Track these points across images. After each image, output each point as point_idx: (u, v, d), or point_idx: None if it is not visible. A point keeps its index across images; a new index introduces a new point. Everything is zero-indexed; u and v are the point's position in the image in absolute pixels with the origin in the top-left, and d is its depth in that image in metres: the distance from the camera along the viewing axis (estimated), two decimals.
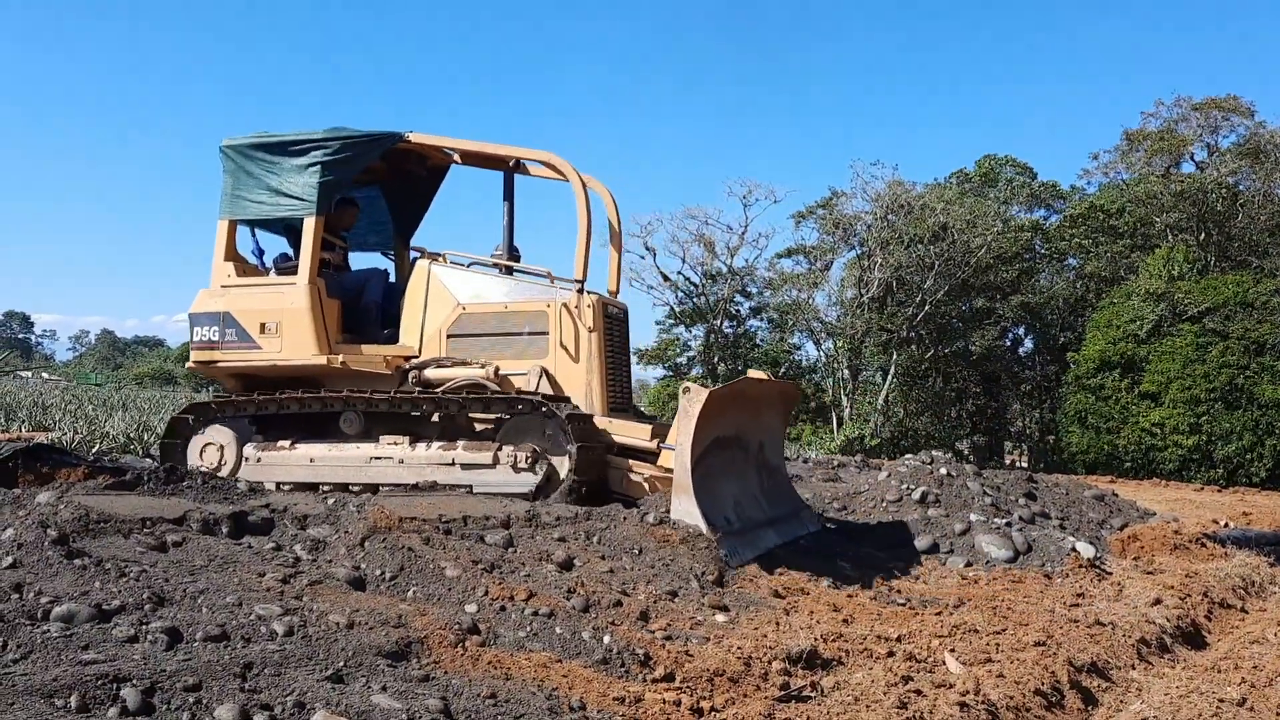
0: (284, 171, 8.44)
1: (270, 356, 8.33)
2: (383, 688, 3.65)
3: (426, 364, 8.32)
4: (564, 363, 8.21)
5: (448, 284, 8.54)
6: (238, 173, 8.58)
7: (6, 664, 3.40)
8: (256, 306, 8.38)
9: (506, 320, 8.37)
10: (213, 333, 8.44)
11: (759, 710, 4.05)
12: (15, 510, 5.57)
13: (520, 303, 8.43)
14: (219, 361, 8.48)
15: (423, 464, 7.92)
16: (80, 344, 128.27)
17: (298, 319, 8.23)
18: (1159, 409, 25.02)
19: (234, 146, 8.62)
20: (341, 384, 8.33)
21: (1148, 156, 31.26)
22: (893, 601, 6.54)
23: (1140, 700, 4.81)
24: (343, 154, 8.43)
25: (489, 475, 7.74)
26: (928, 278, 31.78)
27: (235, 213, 8.65)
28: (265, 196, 8.49)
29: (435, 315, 8.49)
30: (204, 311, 8.51)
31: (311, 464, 8.09)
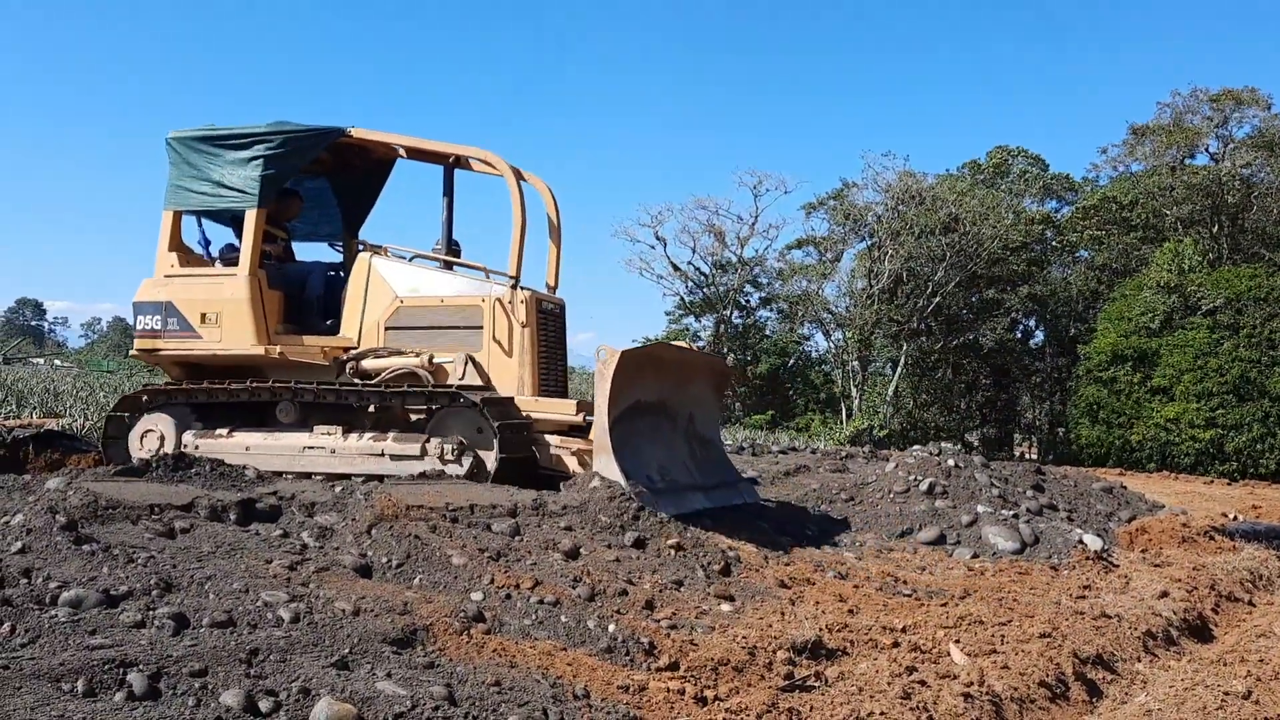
0: (226, 164, 8.55)
1: (210, 346, 8.46)
2: (388, 675, 3.67)
3: (363, 355, 8.44)
4: (497, 355, 8.34)
5: (387, 277, 8.62)
6: (181, 164, 8.68)
7: (14, 648, 3.42)
8: (198, 296, 8.50)
9: (443, 313, 8.51)
10: (155, 321, 8.57)
11: (763, 700, 4.06)
12: (25, 496, 5.62)
13: (456, 297, 8.58)
14: (161, 350, 8.62)
15: (353, 454, 8.07)
16: (92, 331, 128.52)
17: (238, 310, 8.35)
18: (1172, 404, 24.93)
19: (179, 139, 8.72)
20: (281, 374, 8.47)
21: (1161, 149, 31.09)
22: (899, 592, 6.55)
23: (1145, 693, 4.80)
24: (284, 148, 8.53)
25: (417, 466, 7.87)
26: (938, 269, 31.71)
27: (179, 203, 8.76)
28: (208, 188, 8.59)
29: (374, 307, 8.59)
30: (147, 300, 8.64)
31: (247, 451, 8.16)
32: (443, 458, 7.85)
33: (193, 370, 8.77)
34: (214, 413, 8.47)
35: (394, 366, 8.27)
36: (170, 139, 8.75)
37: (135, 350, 8.81)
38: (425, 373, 8.21)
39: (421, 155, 9.46)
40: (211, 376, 8.55)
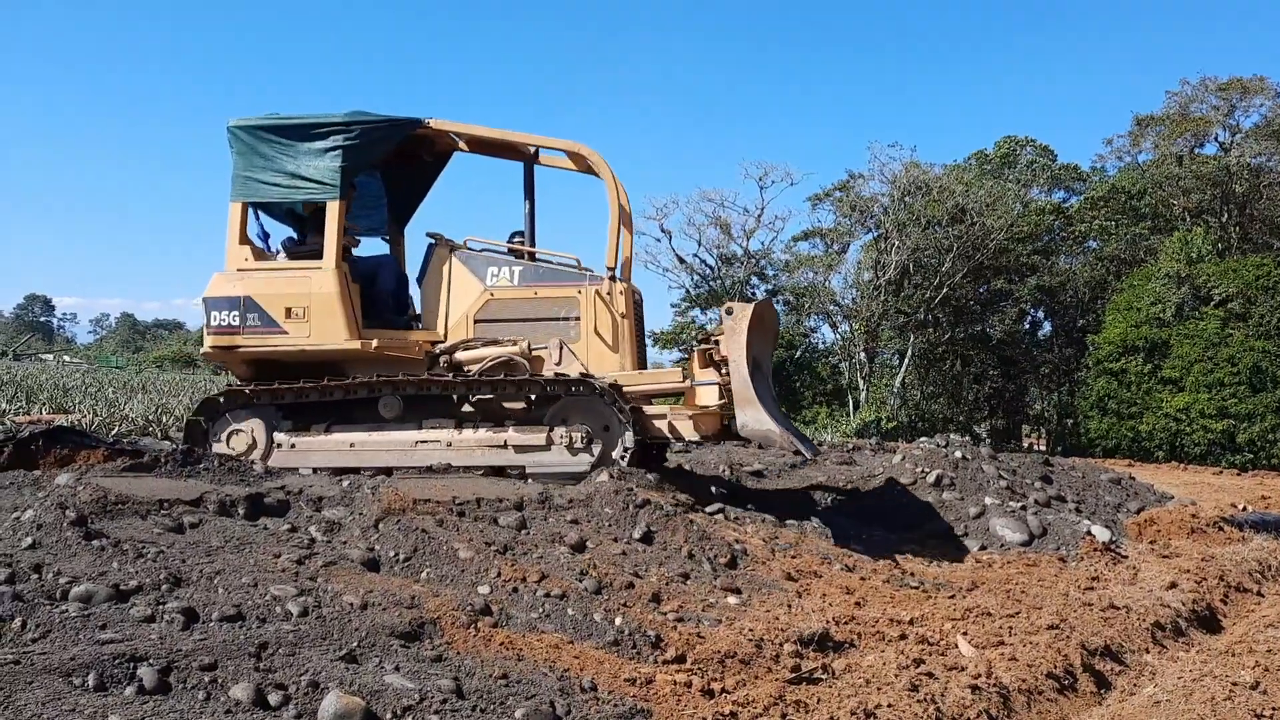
0: (301, 155, 8.33)
1: (297, 342, 8.21)
2: (396, 668, 3.69)
3: (456, 346, 8.45)
4: (596, 346, 8.47)
5: (473, 270, 8.63)
6: (249, 154, 8.41)
7: (25, 643, 3.45)
8: (281, 291, 8.24)
9: (537, 305, 8.55)
10: (232, 318, 8.25)
11: (770, 692, 4.07)
12: (35, 492, 5.64)
13: (551, 288, 8.62)
14: (240, 347, 8.28)
15: (472, 446, 8.08)
16: (101, 327, 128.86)
17: (328, 304, 8.16)
18: (1183, 394, 24.85)
19: (244, 127, 8.44)
20: (366, 369, 8.32)
21: (1169, 138, 30.94)
22: (905, 585, 6.55)
23: (1153, 684, 4.80)
24: (362, 139, 8.39)
25: (544, 456, 8.02)
26: (945, 260, 31.60)
27: (249, 195, 8.45)
28: (281, 179, 8.35)
29: (461, 300, 8.57)
30: (221, 296, 8.30)
31: (352, 449, 8.11)
32: (571, 447, 8.00)
33: (265, 367, 8.45)
34: (301, 412, 8.27)
35: (491, 356, 8.31)
36: (235, 127, 8.45)
37: (208, 348, 8.40)
38: (523, 361, 8.29)
39: (500, 148, 9.40)
40: (286, 374, 8.29)
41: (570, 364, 8.36)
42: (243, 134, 8.42)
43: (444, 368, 8.40)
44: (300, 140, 8.35)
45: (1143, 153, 32.92)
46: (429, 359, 8.49)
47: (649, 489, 7.18)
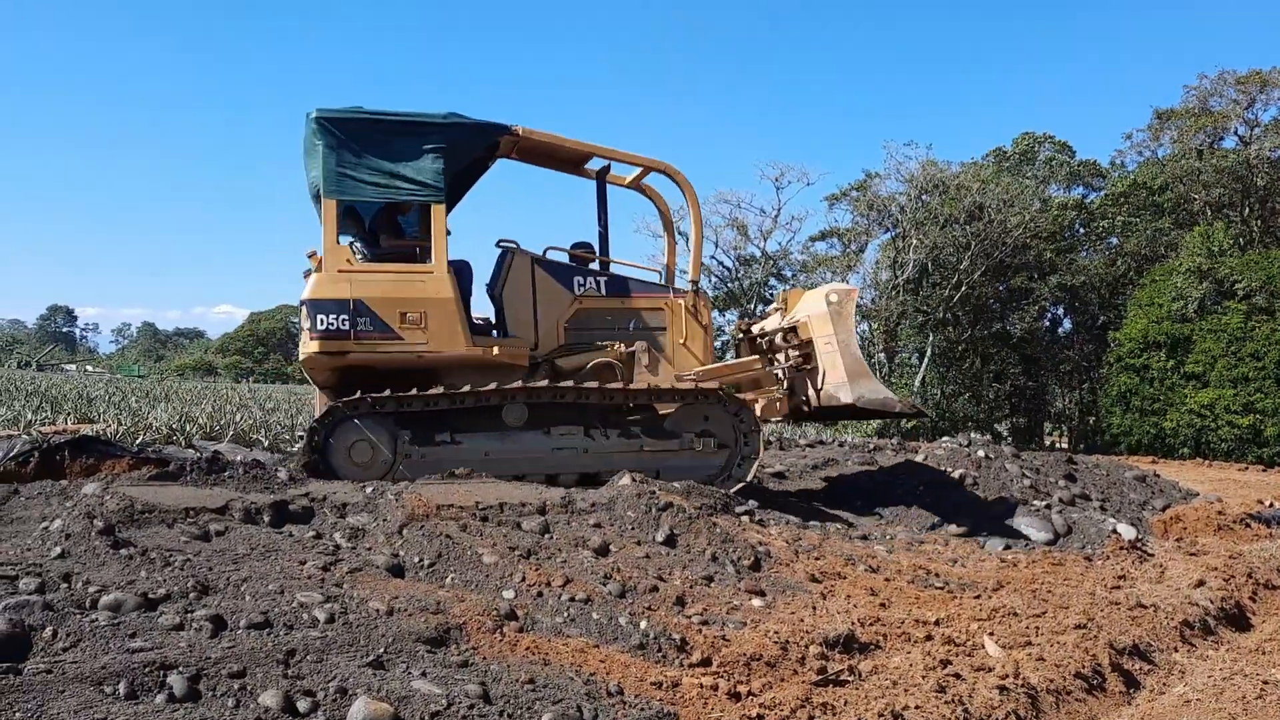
0: (400, 153, 8.09)
1: (414, 348, 7.99)
2: (423, 673, 3.70)
3: (556, 353, 8.66)
4: (683, 355, 8.92)
5: (559, 279, 8.73)
6: (341, 150, 8.02)
7: (56, 652, 3.47)
8: (394, 295, 7.98)
9: (624, 315, 8.86)
10: (341, 321, 7.87)
11: (796, 694, 4.06)
12: (63, 501, 5.68)
13: (638, 298, 8.98)
14: (352, 352, 7.93)
15: (609, 452, 8.34)
16: (122, 336, 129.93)
17: (445, 310, 8.03)
18: (1207, 390, 24.65)
19: (335, 120, 8.05)
20: (468, 376, 8.14)
21: (1190, 132, 30.71)
22: (931, 585, 6.52)
23: (1183, 683, 4.77)
24: (460, 140, 8.29)
25: (675, 460, 8.44)
26: (964, 258, 31.47)
27: (345, 192, 8.08)
28: (380, 179, 8.08)
29: (551, 308, 8.68)
30: (328, 298, 7.89)
31: (485, 458, 8.04)
32: (703, 451, 8.54)
33: (357, 375, 8.14)
34: (421, 421, 8.09)
35: (591, 361, 8.62)
36: (323, 119, 8.01)
37: (315, 352, 7.92)
38: (619, 364, 8.64)
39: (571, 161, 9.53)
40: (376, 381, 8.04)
41: (661, 369, 8.79)
42: (333, 127, 8.04)
43: (545, 374, 8.52)
44: (397, 138, 8.13)
45: (1162, 147, 32.68)
46: (532, 364, 8.58)
47: (671, 492, 7.18)
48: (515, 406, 8.14)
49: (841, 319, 8.46)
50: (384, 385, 7.97)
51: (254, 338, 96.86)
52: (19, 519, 5.53)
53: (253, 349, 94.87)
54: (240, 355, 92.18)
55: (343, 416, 7.88)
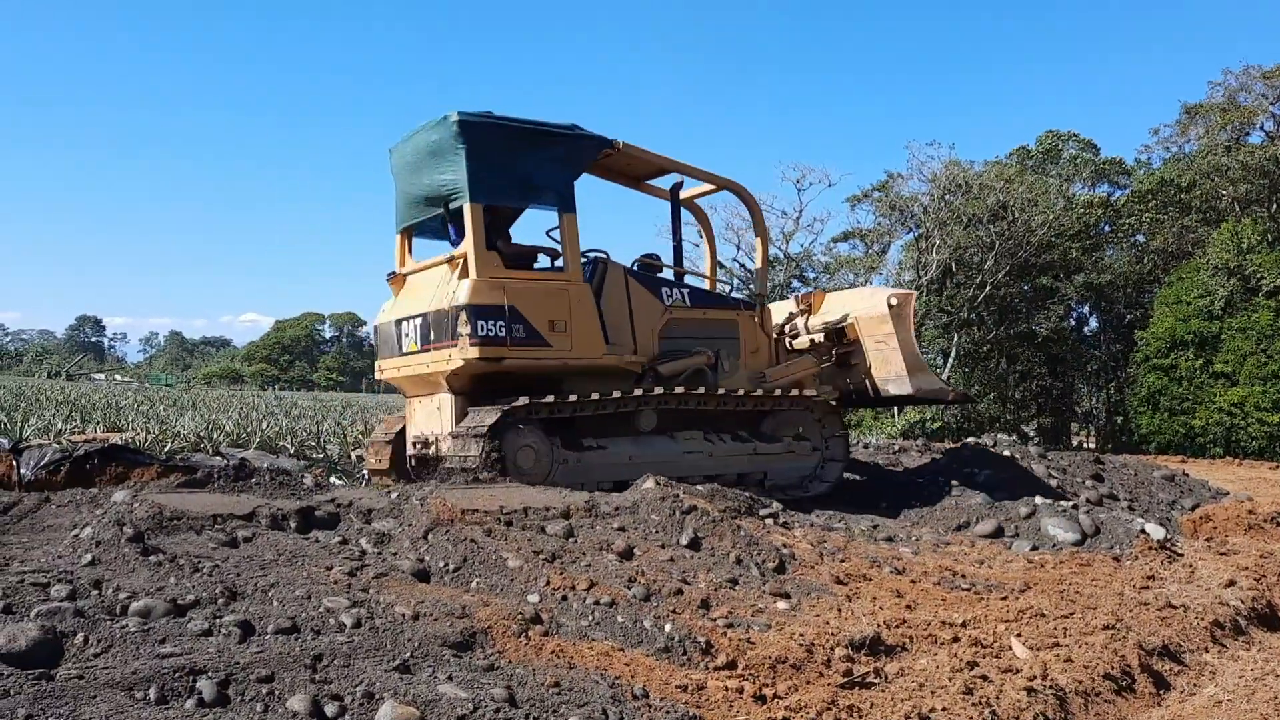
0: (534, 162, 8.16)
1: (560, 355, 8.13)
2: (449, 677, 3.71)
3: (659, 360, 8.98)
4: (752, 363, 9.53)
5: (651, 290, 9.04)
6: (481, 154, 7.96)
7: (88, 658, 3.51)
8: (543, 303, 8.06)
9: (705, 325, 9.33)
10: (498, 328, 7.86)
11: (822, 697, 4.05)
12: (93, 509, 5.74)
13: (716, 310, 9.53)
14: (507, 359, 7.96)
15: (728, 455, 8.93)
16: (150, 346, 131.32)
17: (588, 317, 8.27)
18: (1236, 388, 24.41)
19: (477, 124, 7.95)
20: (593, 383, 8.29)
21: (1217, 128, 30.43)
22: (957, 586, 6.49)
23: (1214, 683, 4.73)
24: (579, 151, 8.50)
25: (780, 463, 9.24)
26: (988, 258, 31.30)
27: (491, 198, 8.06)
28: (518, 187, 8.19)
29: (646, 317, 8.97)
30: (487, 304, 7.85)
31: (630, 461, 8.29)
32: (804, 453, 9.42)
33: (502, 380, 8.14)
34: (568, 427, 8.31)
35: (689, 366, 9.03)
36: (464, 121, 7.90)
37: (474, 357, 7.85)
38: (708, 370, 9.09)
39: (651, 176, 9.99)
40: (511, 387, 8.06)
41: (733, 376, 9.32)
42: (476, 131, 7.97)
43: (650, 378, 8.83)
44: (531, 146, 8.18)
45: (1189, 142, 32.38)
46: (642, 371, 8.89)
47: (695, 495, 7.18)
48: (647, 412, 8.58)
49: (901, 320, 9.47)
50: (516, 392, 7.97)
51: (279, 345, 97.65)
52: (50, 527, 5.59)
53: (278, 356, 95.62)
54: (266, 363, 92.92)
55: (513, 423, 7.87)
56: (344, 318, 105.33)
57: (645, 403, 8.49)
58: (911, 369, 9.44)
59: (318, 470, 8.86)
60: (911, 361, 9.44)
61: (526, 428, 7.96)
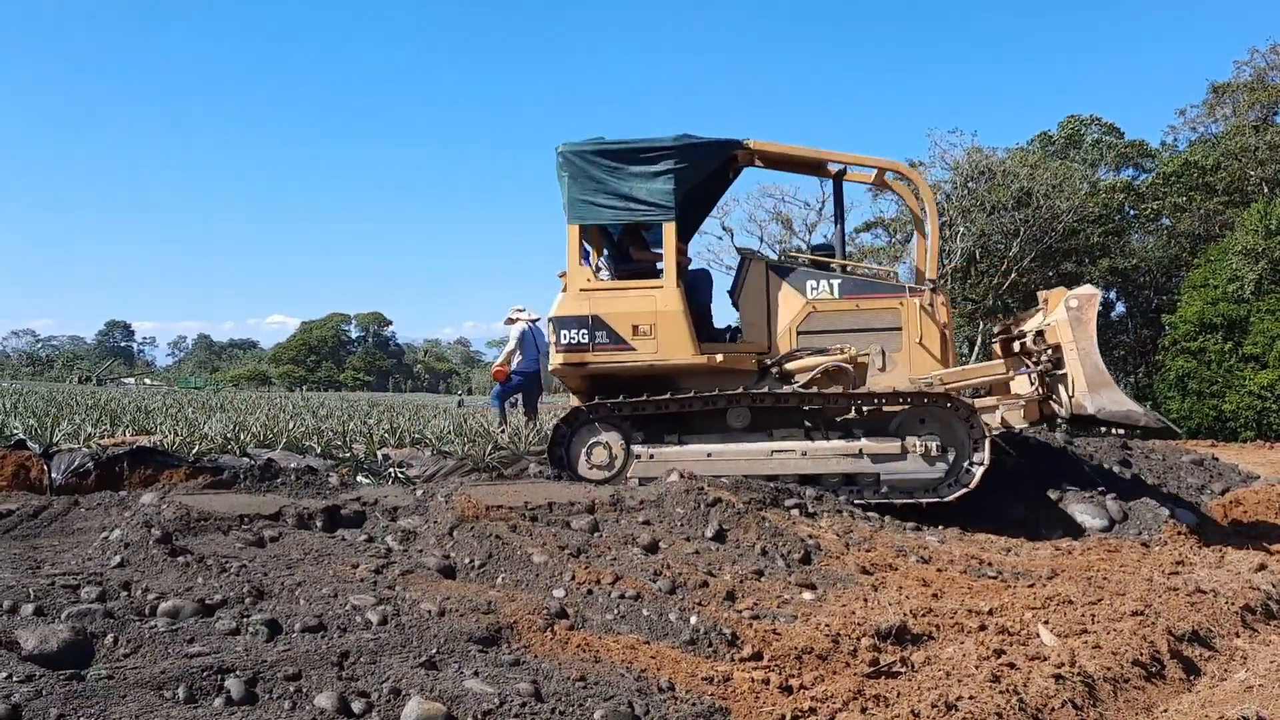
0: (633, 178, 8.66)
1: (645, 357, 8.59)
2: (475, 673, 3.73)
3: (785, 358, 8.80)
4: (920, 356, 8.80)
5: (794, 284, 8.94)
6: (581, 178, 8.73)
7: (118, 658, 3.55)
8: (627, 309, 8.63)
9: (858, 317, 8.87)
10: (581, 335, 8.63)
11: (849, 687, 4.04)
12: (121, 511, 5.81)
13: (872, 299, 8.95)
14: (590, 363, 8.66)
15: (827, 455, 8.43)
16: (178, 349, 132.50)
17: (672, 321, 8.54)
18: (1267, 371, 24.16)
19: (575, 152, 8.76)
20: (703, 381, 8.64)
21: (1245, 108, 30.08)
22: (983, 575, 6.45)
23: (1245, 669, 4.67)
24: (691, 160, 8.68)
25: (898, 465, 8.33)
26: (1012, 245, 31.10)
27: (584, 217, 8.79)
28: (615, 202, 8.70)
29: (784, 313, 8.89)
30: (570, 315, 8.67)
31: (709, 459, 8.41)
32: (927, 456, 8.28)
33: (604, 383, 8.83)
34: (651, 425, 8.66)
35: (820, 364, 8.67)
36: (565, 152, 8.78)
37: (558, 364, 8.77)
38: (849, 368, 8.65)
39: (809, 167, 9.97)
40: (623, 389, 8.68)
41: (894, 371, 8.71)
42: (574, 159, 8.75)
43: (775, 378, 8.74)
44: (630, 164, 8.69)
45: (1216, 123, 32.04)
46: (761, 369, 8.82)
47: (720, 488, 7.18)
48: (739, 410, 8.52)
49: (1081, 325, 8.11)
50: (622, 392, 8.56)
51: (306, 347, 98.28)
52: (80, 529, 5.66)
53: (305, 358, 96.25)
54: (293, 364, 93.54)
55: (584, 420, 8.63)
56: (370, 318, 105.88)
57: (737, 401, 8.44)
58: (1092, 384, 8.01)
59: (344, 469, 8.92)
60: (1092, 375, 8.02)
61: (600, 425, 8.60)
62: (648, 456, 8.51)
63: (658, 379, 8.72)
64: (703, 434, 8.60)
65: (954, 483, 8.24)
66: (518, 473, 9.11)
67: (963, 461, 8.26)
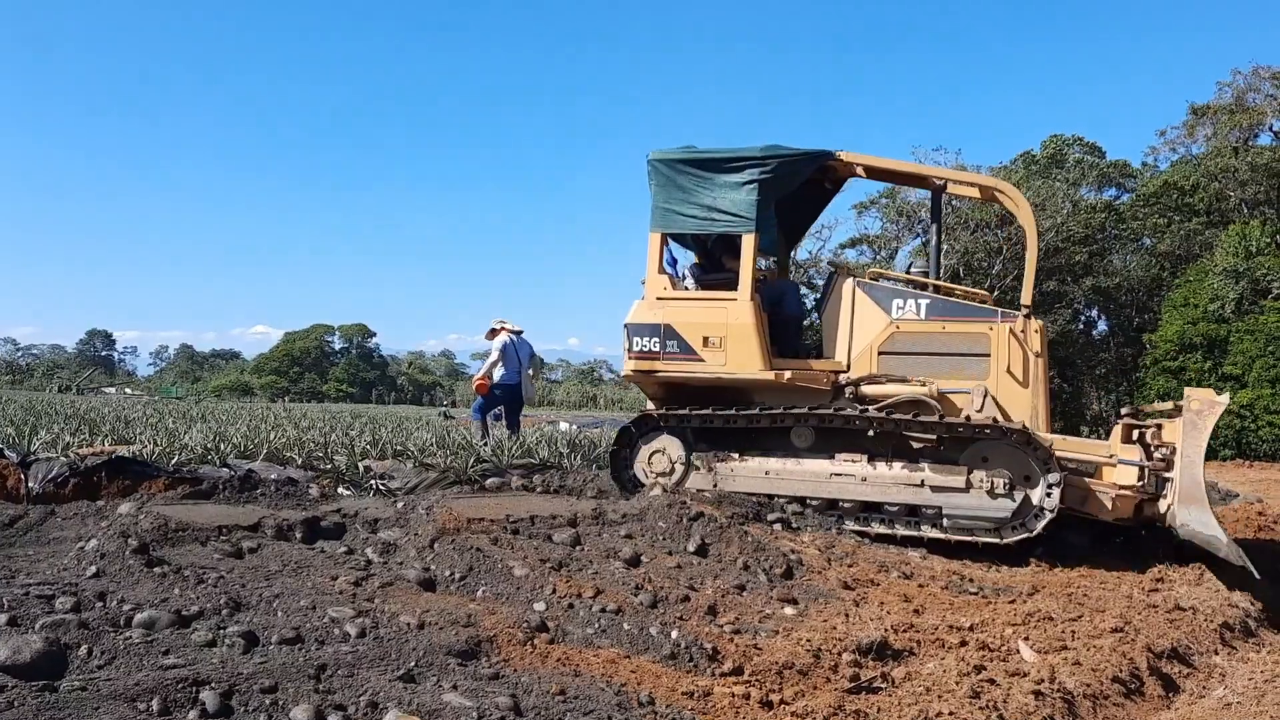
0: (719, 188, 8.53)
1: (713, 369, 8.46)
2: (453, 686, 3.70)
3: (864, 380, 8.46)
4: (1008, 386, 8.23)
5: (879, 301, 8.64)
6: (668, 187, 8.66)
7: (91, 670, 3.51)
8: (698, 320, 8.53)
9: (943, 340, 8.43)
10: (652, 343, 8.58)
11: (829, 702, 4.03)
12: (98, 521, 5.75)
13: (960, 323, 8.47)
14: (659, 371, 8.61)
15: (888, 483, 8.05)
16: (160, 359, 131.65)
17: (743, 334, 8.36)
18: (1246, 390, 24.36)
19: (664, 160, 8.70)
20: (772, 397, 8.47)
21: (1225, 129, 30.38)
22: (965, 591, 6.47)
23: (1223, 686, 4.69)
24: (776, 172, 8.51)
25: (961, 499, 7.83)
26: (995, 262, 31.27)
27: (667, 226, 8.75)
28: (699, 212, 8.59)
29: (865, 331, 8.58)
30: (643, 323, 8.65)
31: (766, 476, 8.32)
32: (992, 491, 7.77)
33: (679, 392, 8.77)
34: (714, 437, 8.56)
35: (902, 394, 8.24)
36: (655, 160, 8.73)
37: (629, 370, 8.76)
38: (934, 402, 8.13)
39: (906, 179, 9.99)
40: (696, 399, 8.62)
41: (990, 411, 8.09)
42: (662, 167, 8.69)
43: (849, 398, 8.41)
44: (717, 173, 8.56)
45: (1196, 144, 32.37)
46: (835, 389, 8.51)
47: (703, 502, 7.17)
48: (804, 429, 8.31)
49: (1195, 430, 7.24)
50: (692, 403, 8.52)
51: (289, 357, 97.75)
52: (56, 539, 5.60)
53: (288, 369, 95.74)
54: (276, 375, 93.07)
55: (648, 428, 8.73)
56: (354, 329, 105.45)
57: (802, 419, 8.21)
58: (1185, 497, 7.16)
59: (325, 481, 8.86)
60: (1188, 488, 7.16)
61: (663, 435, 8.64)
62: (706, 469, 8.46)
63: (728, 391, 8.60)
64: (767, 450, 8.44)
65: (1019, 525, 7.67)
66: (500, 486, 9.08)
67: (1031, 502, 7.69)
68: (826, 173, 9.18)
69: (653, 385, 8.88)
